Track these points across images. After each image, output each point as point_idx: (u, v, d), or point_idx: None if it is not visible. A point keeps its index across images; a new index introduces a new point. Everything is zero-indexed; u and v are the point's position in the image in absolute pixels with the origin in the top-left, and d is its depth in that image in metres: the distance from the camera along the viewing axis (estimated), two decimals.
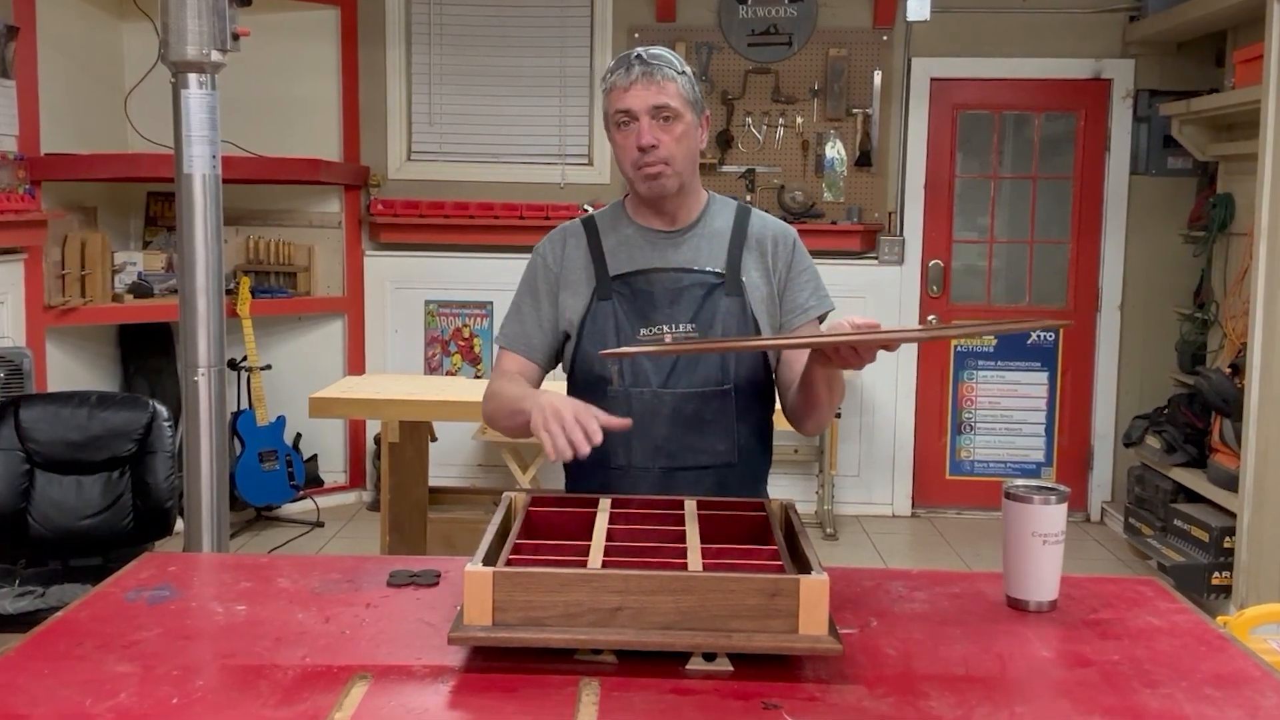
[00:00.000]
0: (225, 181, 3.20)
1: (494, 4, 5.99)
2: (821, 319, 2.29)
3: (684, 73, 2.17)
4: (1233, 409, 4.70)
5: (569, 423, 1.88)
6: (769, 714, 1.42)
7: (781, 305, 2.25)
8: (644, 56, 2.14)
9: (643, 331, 2.20)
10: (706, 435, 2.20)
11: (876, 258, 6.01)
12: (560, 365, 2.36)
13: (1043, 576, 1.78)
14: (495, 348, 2.37)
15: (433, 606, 1.76)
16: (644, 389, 2.19)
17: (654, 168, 2.14)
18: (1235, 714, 1.44)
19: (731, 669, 1.52)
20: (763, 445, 2.32)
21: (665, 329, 2.19)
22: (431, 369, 6.07)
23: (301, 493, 5.79)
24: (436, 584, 1.87)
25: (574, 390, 2.30)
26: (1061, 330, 6.07)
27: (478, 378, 5.80)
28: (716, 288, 2.21)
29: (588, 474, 2.20)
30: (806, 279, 2.27)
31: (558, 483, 2.44)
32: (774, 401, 2.34)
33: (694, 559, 1.64)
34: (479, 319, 6.05)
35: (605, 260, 2.24)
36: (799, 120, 5.94)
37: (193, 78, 3.06)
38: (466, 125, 6.09)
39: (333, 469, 6.20)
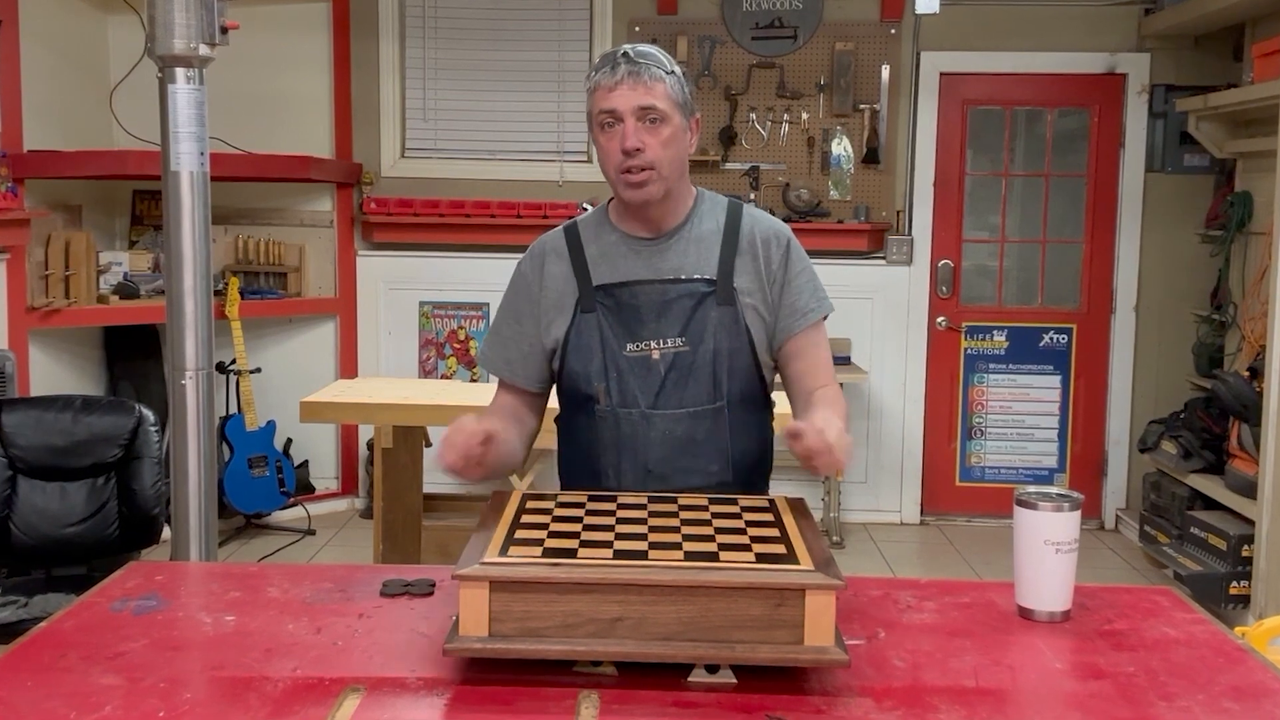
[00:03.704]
0: (213, 179, 3.25)
1: None
2: (825, 317, 2.24)
3: (673, 72, 2.09)
4: (1251, 413, 4.66)
5: (448, 443, 1.90)
6: None
7: (780, 309, 2.17)
8: (630, 54, 2.06)
9: (629, 346, 2.13)
10: (699, 455, 2.15)
11: (884, 258, 5.96)
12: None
13: (1055, 586, 1.77)
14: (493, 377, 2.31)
15: (427, 617, 1.75)
16: (632, 409, 2.13)
17: (639, 175, 2.06)
18: None
19: (735, 681, 1.50)
20: (760, 459, 2.26)
21: (653, 344, 2.13)
22: (426, 372, 6.08)
23: (292, 499, 5.74)
24: (431, 594, 1.84)
25: (563, 408, 2.26)
26: (1074, 331, 6.03)
27: (473, 381, 5.75)
28: (707, 297, 2.13)
29: None
30: (805, 280, 2.19)
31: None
32: (770, 413, 2.28)
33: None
34: (475, 321, 6.01)
35: (589, 271, 2.17)
36: (804, 116, 5.88)
37: (180, 72, 3.12)
38: (462, 121, 6.04)
39: (324, 475, 6.14)
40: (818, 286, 2.20)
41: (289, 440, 5.80)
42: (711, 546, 1.61)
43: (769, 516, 1.78)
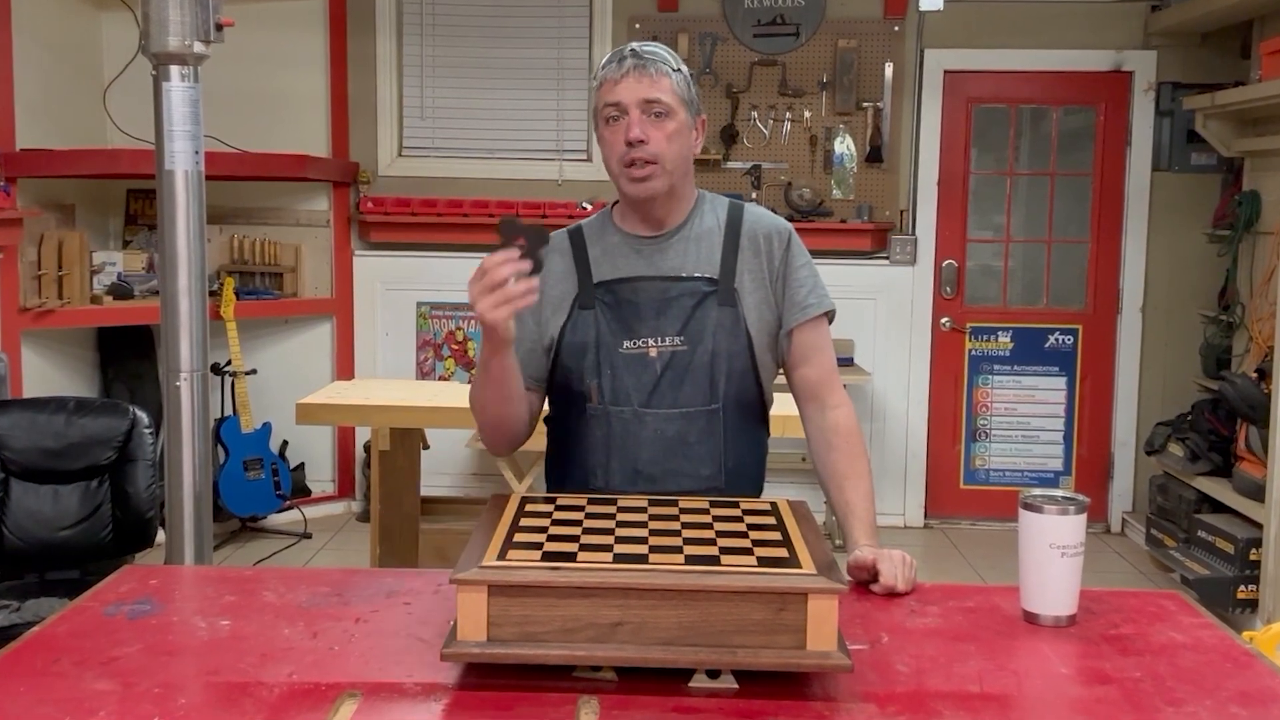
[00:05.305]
0: (208, 178, 3.23)
1: None
2: (830, 317, 2.20)
3: (680, 70, 2.11)
4: (1259, 415, 4.64)
5: (488, 283, 1.78)
6: None
7: (783, 303, 2.17)
8: (638, 50, 2.09)
9: (626, 343, 2.12)
10: (691, 458, 2.13)
11: (888, 258, 5.92)
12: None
13: (1061, 590, 1.76)
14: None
15: (425, 621, 1.74)
16: (624, 408, 2.12)
17: (642, 169, 2.06)
18: None
19: (736, 686, 1.50)
20: (754, 466, 2.24)
21: (650, 341, 2.12)
22: (424, 374, 6.06)
23: (288, 503, 5.71)
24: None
25: (554, 407, 2.25)
26: (1080, 332, 6.00)
27: (471, 382, 5.69)
28: (708, 296, 2.12)
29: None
30: (805, 275, 2.18)
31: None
32: (766, 419, 2.27)
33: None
34: (473, 321, 5.97)
35: (590, 269, 2.17)
36: (807, 114, 5.84)
37: (175, 70, 3.10)
38: (460, 120, 6.01)
39: (320, 478, 6.11)
40: (818, 283, 2.19)
41: (285, 442, 5.77)
42: (713, 550, 1.60)
43: (770, 520, 1.76)
